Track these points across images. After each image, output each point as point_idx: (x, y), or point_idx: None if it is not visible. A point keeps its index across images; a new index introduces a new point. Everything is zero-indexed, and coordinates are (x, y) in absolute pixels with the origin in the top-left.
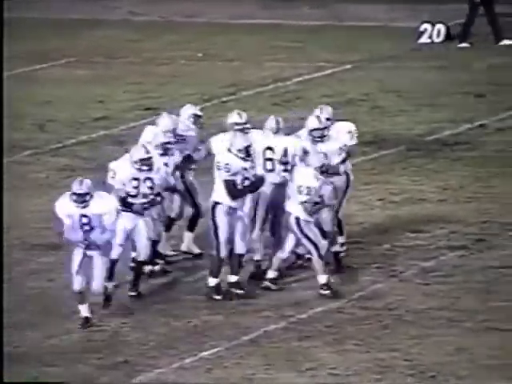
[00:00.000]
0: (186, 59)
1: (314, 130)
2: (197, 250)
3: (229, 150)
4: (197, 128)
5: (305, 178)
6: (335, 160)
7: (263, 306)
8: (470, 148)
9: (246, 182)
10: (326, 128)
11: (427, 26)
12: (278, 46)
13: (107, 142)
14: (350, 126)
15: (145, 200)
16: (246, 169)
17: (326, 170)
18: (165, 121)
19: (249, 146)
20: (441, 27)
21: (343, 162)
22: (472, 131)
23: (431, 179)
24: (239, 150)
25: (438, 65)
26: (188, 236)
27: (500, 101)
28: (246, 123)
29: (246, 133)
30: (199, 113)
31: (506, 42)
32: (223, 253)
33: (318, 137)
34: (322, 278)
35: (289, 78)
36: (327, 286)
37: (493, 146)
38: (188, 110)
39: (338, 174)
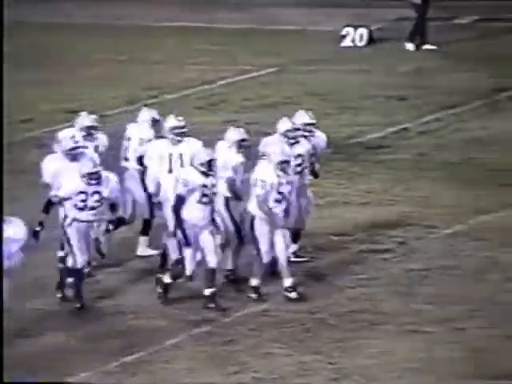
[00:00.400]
0: (110, 62)
1: (287, 131)
2: (152, 253)
3: (191, 164)
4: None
5: (262, 171)
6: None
7: (188, 310)
8: (393, 151)
9: (205, 199)
10: (299, 129)
11: (349, 29)
12: (202, 49)
13: (31, 144)
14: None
15: (92, 212)
16: (205, 186)
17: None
18: (82, 119)
19: (212, 160)
20: (363, 31)
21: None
22: (395, 134)
23: (355, 182)
24: (201, 164)
25: (361, 68)
26: (143, 240)
27: (422, 104)
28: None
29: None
30: (157, 117)
31: (427, 46)
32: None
33: (292, 138)
34: (254, 281)
35: (213, 81)
36: (256, 289)
37: (415, 149)
38: (146, 114)
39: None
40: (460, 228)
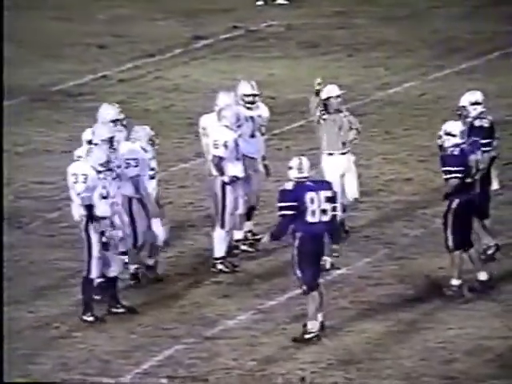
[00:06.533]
0: None
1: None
2: None
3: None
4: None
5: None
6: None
7: None
8: (94, 99)
9: None
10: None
11: None
12: None
13: None
14: None
15: None
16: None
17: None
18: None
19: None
20: None
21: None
22: (95, 82)
23: (56, 130)
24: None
25: (60, 15)
26: None
27: (121, 52)
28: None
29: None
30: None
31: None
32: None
33: (249, 102)
34: None
35: None
36: None
37: (115, 96)
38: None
39: None
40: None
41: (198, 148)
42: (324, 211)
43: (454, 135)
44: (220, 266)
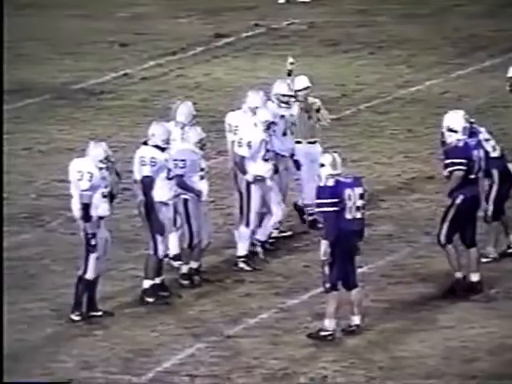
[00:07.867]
0: None
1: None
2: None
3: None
4: None
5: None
6: None
7: None
8: (115, 97)
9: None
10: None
11: None
12: None
13: None
14: None
15: None
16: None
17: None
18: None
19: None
20: None
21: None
22: (117, 80)
23: (78, 128)
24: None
25: (81, 13)
26: None
27: (143, 50)
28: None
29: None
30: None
31: None
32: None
33: (284, 102)
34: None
35: None
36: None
37: (137, 94)
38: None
39: None
40: None
41: (219, 146)
42: (358, 208)
43: (455, 131)
44: (242, 265)
